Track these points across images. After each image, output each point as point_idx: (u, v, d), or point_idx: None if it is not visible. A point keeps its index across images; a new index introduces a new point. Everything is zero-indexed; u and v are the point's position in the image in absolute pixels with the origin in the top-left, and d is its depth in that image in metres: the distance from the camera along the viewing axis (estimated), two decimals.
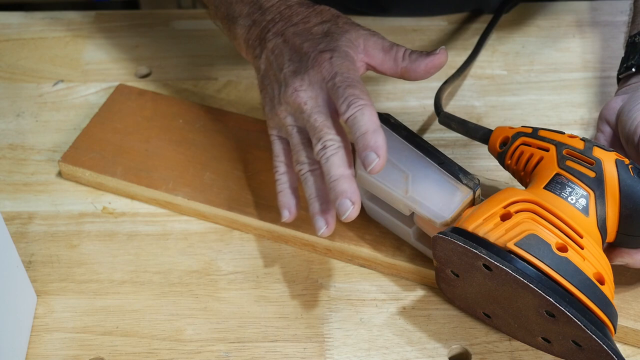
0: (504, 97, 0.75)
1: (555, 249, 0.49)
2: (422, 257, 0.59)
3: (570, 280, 0.48)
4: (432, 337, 0.57)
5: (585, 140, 0.54)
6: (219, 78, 0.77)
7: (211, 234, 0.64)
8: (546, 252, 0.49)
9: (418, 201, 0.56)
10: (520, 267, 0.48)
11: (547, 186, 0.53)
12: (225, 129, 0.69)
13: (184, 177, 0.65)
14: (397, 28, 0.83)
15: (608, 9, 0.85)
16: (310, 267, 0.61)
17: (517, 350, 0.56)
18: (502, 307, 0.53)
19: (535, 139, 0.55)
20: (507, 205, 0.52)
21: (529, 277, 0.48)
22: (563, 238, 0.50)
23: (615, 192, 0.51)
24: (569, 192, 0.52)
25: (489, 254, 0.49)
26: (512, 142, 0.57)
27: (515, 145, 0.57)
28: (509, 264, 0.48)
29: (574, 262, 0.49)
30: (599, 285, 0.49)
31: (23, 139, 0.71)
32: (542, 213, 0.51)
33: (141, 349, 0.56)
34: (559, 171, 0.53)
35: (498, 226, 0.50)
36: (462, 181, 0.56)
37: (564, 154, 0.53)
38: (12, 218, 0.64)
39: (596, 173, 0.52)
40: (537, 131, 0.56)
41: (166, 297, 0.59)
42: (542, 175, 0.54)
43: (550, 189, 0.53)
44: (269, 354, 0.56)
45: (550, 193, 0.52)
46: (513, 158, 0.57)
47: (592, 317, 0.48)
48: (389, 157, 0.53)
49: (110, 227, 0.64)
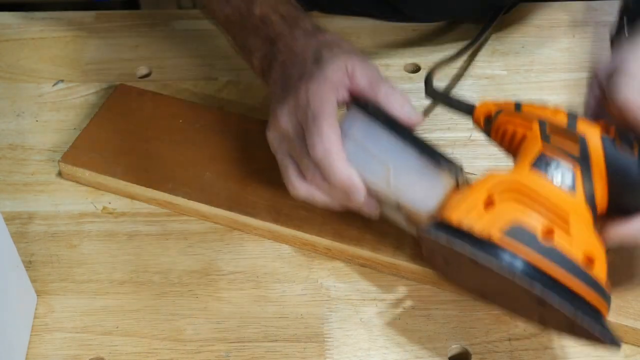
0: (503, 97, 0.75)
1: (540, 235, 0.48)
2: (422, 257, 0.59)
3: (557, 267, 0.47)
4: (432, 337, 0.57)
5: (569, 114, 0.52)
6: (219, 78, 0.77)
7: (211, 234, 0.64)
8: (531, 241, 0.48)
9: (401, 193, 0.55)
10: (505, 261, 0.47)
11: (534, 165, 0.52)
12: (225, 129, 0.69)
13: (184, 177, 0.65)
14: (398, 28, 0.83)
15: (608, 9, 0.85)
16: (310, 267, 0.61)
17: (517, 350, 0.56)
18: (495, 291, 0.53)
19: (517, 115, 0.54)
20: (490, 192, 0.50)
21: (513, 271, 0.47)
22: (548, 223, 0.48)
23: (601, 167, 0.50)
24: (554, 171, 0.51)
25: (473, 250, 0.48)
26: (494, 118, 0.55)
27: (498, 122, 0.55)
28: (494, 259, 0.47)
29: (559, 248, 0.48)
30: (588, 265, 0.48)
31: (23, 139, 0.71)
32: (525, 199, 0.50)
33: (141, 349, 0.56)
34: (542, 149, 0.52)
35: (482, 215, 0.49)
36: (444, 168, 0.54)
37: (547, 131, 0.52)
38: (12, 218, 0.64)
39: (581, 150, 0.50)
40: (519, 106, 0.54)
41: (166, 297, 0.59)
42: (526, 153, 0.53)
43: (536, 167, 0.51)
44: (269, 354, 0.56)
45: (535, 173, 0.51)
46: (497, 135, 0.55)
47: (581, 302, 0.47)
48: (369, 148, 0.54)
49: (110, 227, 0.64)
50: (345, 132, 0.56)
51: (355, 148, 0.56)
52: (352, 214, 0.62)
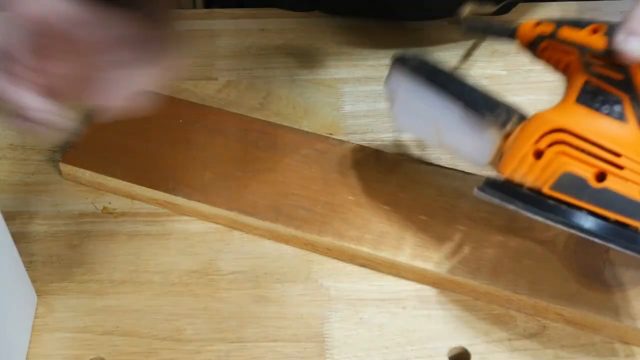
0: (503, 97, 0.75)
1: (592, 180, 0.48)
2: (422, 257, 0.59)
3: (613, 210, 0.47)
4: (432, 337, 0.57)
5: (609, 34, 0.49)
6: (219, 78, 0.78)
7: (211, 234, 0.64)
8: (583, 188, 0.48)
9: (455, 149, 0.55)
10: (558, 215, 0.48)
11: (579, 99, 0.50)
12: (225, 129, 0.70)
13: (184, 177, 0.65)
14: (397, 28, 0.83)
15: (608, 9, 0.85)
16: (310, 267, 0.61)
17: (517, 350, 0.56)
18: None
19: (556, 41, 0.51)
20: (538, 140, 0.50)
21: (568, 224, 0.48)
22: (599, 164, 0.48)
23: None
24: (601, 102, 0.49)
25: (525, 209, 0.49)
26: (535, 46, 0.53)
27: (541, 49, 0.53)
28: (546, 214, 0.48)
29: (613, 189, 0.47)
30: None
31: (23, 139, 0.71)
32: (573, 142, 0.49)
33: (141, 349, 0.56)
34: (587, 78, 0.50)
35: (533, 167, 0.49)
36: (489, 120, 0.53)
37: (588, 59, 0.50)
38: (12, 218, 0.64)
39: (624, 75, 0.48)
40: (557, 32, 0.52)
41: (166, 297, 0.59)
42: (573, 83, 0.51)
43: (582, 101, 0.50)
44: (269, 354, 0.56)
45: (582, 107, 0.50)
46: (543, 61, 0.54)
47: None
48: (416, 108, 0.54)
49: (110, 227, 0.64)
50: (392, 93, 0.56)
51: (404, 109, 0.57)
52: (352, 214, 0.62)
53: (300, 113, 0.74)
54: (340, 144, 0.68)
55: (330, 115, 0.74)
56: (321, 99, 0.75)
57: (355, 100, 0.75)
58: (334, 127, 0.72)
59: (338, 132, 0.72)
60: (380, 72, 0.78)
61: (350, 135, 0.72)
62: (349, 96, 0.76)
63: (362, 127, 0.72)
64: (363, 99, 0.75)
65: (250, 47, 0.81)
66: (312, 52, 0.81)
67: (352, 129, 0.72)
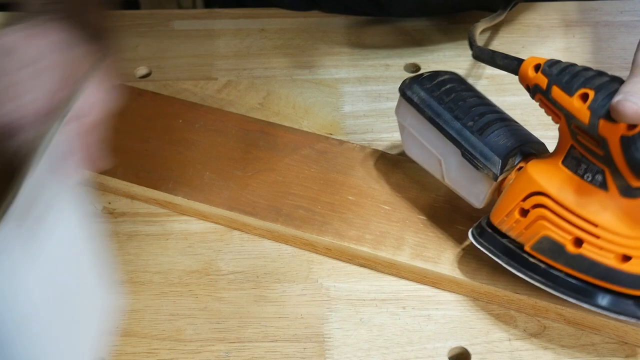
0: (504, 97, 0.75)
1: (569, 246, 0.51)
2: (422, 257, 0.59)
3: (589, 274, 0.51)
4: (432, 337, 0.57)
5: (592, 109, 0.49)
6: (219, 78, 0.77)
7: (211, 234, 0.64)
8: (560, 253, 0.51)
9: (454, 186, 0.59)
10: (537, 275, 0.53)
11: (564, 161, 0.53)
12: (225, 129, 0.69)
13: (184, 177, 0.65)
14: (398, 28, 0.83)
15: (608, 9, 0.85)
16: (310, 267, 0.61)
17: (517, 350, 0.56)
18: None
19: (548, 100, 0.52)
20: (524, 199, 0.53)
21: (545, 283, 0.53)
22: (576, 232, 0.51)
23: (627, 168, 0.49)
24: (584, 169, 0.51)
25: (510, 262, 0.55)
26: (533, 94, 0.54)
27: (536, 98, 0.54)
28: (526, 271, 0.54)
29: (588, 256, 0.50)
30: (623, 264, 0.50)
31: None
32: (554, 208, 0.52)
33: (141, 349, 0.56)
34: (573, 143, 0.52)
35: (518, 223, 0.54)
36: (483, 171, 0.56)
37: (573, 127, 0.51)
38: None
39: (604, 152, 0.49)
40: (549, 90, 0.52)
41: (166, 297, 0.59)
42: (561, 142, 0.53)
43: (567, 164, 0.52)
44: (269, 354, 0.56)
45: (566, 171, 0.52)
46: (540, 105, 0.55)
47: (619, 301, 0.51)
48: (422, 141, 0.59)
49: (110, 227, 0.64)
50: (401, 123, 0.61)
51: (412, 139, 0.61)
52: (352, 214, 0.62)
53: (300, 113, 0.74)
54: (340, 144, 0.68)
55: (330, 115, 0.74)
56: (321, 99, 0.75)
57: (355, 100, 0.75)
58: (334, 127, 0.72)
59: (338, 132, 0.72)
60: (380, 72, 0.78)
61: (350, 135, 0.72)
62: (349, 96, 0.76)
63: (362, 127, 0.72)
64: (363, 99, 0.75)
65: (250, 47, 0.81)
66: (312, 52, 0.80)
67: (351, 129, 0.72)
